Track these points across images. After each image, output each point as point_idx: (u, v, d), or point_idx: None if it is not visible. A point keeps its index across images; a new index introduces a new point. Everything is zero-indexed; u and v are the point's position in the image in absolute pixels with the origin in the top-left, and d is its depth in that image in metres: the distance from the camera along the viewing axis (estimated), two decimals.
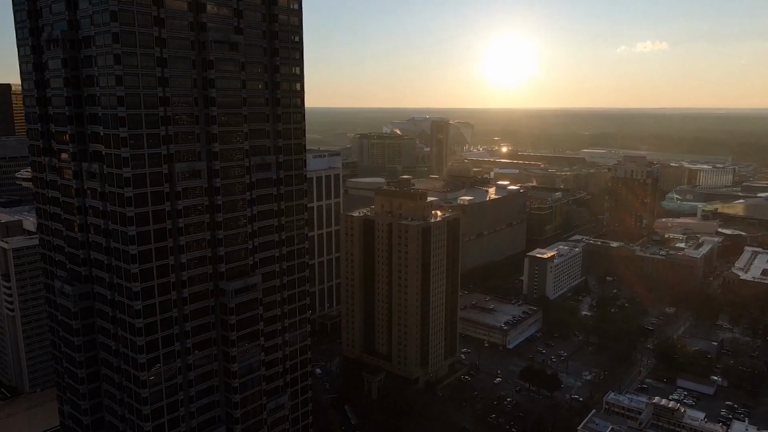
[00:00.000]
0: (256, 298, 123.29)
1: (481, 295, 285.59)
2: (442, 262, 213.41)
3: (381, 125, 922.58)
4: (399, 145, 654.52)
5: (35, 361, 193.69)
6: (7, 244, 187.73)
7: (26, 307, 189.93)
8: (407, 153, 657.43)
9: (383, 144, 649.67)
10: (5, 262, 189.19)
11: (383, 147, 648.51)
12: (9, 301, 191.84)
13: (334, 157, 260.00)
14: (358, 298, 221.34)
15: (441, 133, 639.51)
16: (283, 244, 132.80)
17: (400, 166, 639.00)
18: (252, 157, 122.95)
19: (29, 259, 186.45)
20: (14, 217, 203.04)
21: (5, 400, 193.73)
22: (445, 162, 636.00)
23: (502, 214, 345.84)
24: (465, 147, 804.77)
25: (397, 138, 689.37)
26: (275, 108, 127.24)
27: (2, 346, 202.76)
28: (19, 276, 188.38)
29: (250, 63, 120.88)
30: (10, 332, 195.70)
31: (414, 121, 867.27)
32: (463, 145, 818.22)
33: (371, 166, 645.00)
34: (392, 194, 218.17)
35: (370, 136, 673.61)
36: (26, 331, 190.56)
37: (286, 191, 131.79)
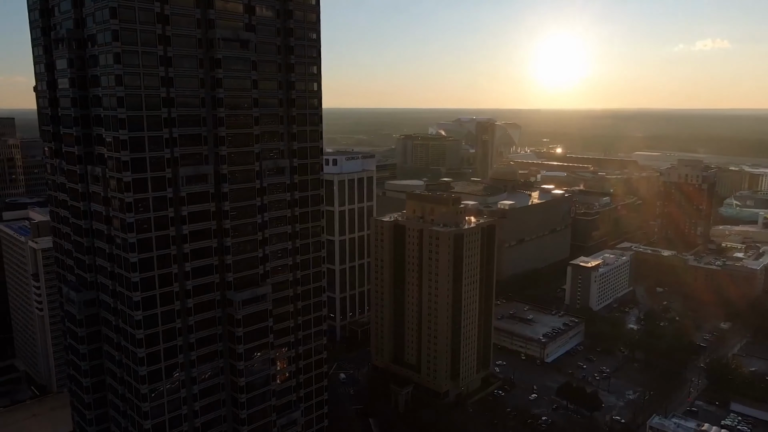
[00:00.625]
0: (265, 310, 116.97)
1: (520, 305, 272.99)
2: (475, 270, 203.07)
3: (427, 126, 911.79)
4: (443, 146, 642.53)
5: (62, 360, 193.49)
6: (36, 244, 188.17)
7: (54, 307, 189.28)
8: (451, 155, 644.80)
9: (427, 145, 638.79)
10: (35, 262, 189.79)
11: (427, 148, 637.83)
12: (38, 300, 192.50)
13: (368, 159, 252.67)
14: (387, 306, 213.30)
15: (486, 135, 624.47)
16: (297, 253, 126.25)
17: (444, 168, 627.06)
18: (264, 161, 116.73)
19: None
20: (46, 216, 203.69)
21: (34, 398, 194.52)
22: (490, 164, 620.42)
23: (545, 220, 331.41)
24: (512, 149, 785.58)
25: (441, 139, 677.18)
26: (290, 109, 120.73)
27: (33, 345, 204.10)
28: (47, 276, 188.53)
29: (262, 62, 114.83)
30: (39, 331, 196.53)
31: (460, 122, 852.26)
32: (510, 146, 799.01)
33: (414, 168, 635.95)
34: (424, 199, 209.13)
35: (413, 138, 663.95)
36: (54, 330, 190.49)
37: (301, 197, 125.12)
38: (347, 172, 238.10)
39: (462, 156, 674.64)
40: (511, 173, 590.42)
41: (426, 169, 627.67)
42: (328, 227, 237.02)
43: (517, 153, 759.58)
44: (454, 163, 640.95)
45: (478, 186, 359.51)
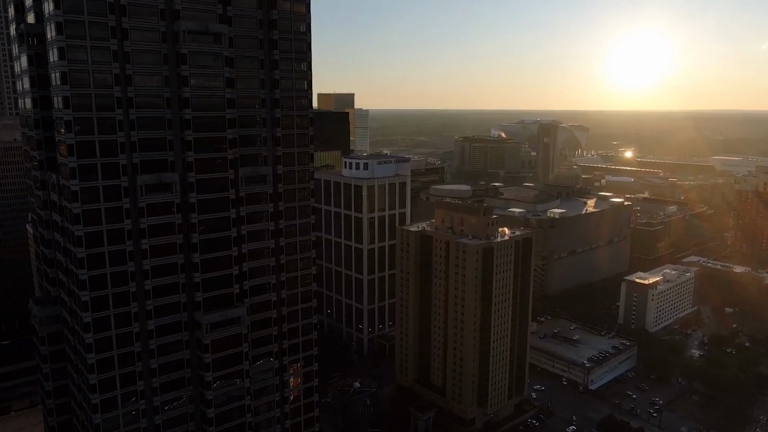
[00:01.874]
0: (239, 334, 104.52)
1: (566, 323, 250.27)
2: (507, 287, 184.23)
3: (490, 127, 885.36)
4: (502, 148, 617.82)
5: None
6: None
7: None
8: (511, 157, 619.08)
9: (485, 148, 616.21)
10: None
11: (485, 151, 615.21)
12: None
13: (402, 164, 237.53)
14: (412, 322, 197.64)
15: (548, 137, 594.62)
16: (282, 270, 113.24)
17: (503, 171, 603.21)
18: (241, 168, 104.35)
19: None
20: None
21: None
22: (551, 168, 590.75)
23: (600, 230, 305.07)
24: (577, 152, 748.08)
25: (500, 141, 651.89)
26: (274, 110, 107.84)
27: None
28: None
29: (241, 57, 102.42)
30: None
31: (524, 123, 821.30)
32: (576, 149, 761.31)
33: (472, 171, 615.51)
34: (453, 207, 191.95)
35: (472, 140, 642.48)
36: None
37: (288, 208, 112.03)
38: (379, 177, 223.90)
39: (523, 159, 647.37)
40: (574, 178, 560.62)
41: (484, 172, 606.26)
42: (357, 235, 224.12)
43: (583, 156, 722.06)
44: (513, 166, 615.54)
45: (530, 192, 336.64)
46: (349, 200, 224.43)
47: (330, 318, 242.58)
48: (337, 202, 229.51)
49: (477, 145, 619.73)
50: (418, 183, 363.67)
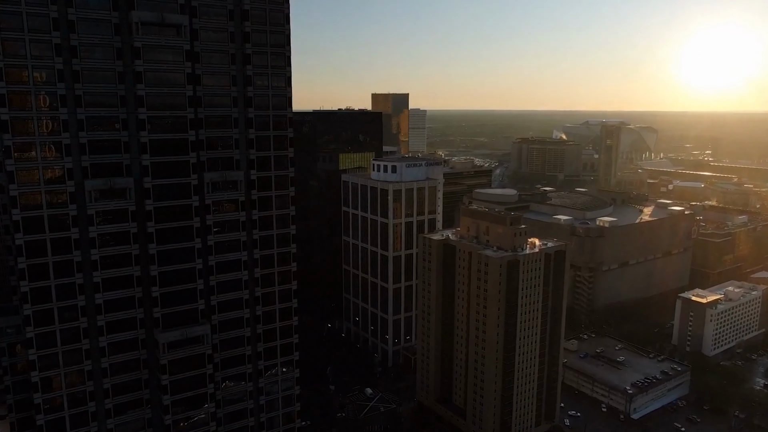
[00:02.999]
0: (202, 354, 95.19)
1: (611, 342, 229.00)
2: (536, 303, 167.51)
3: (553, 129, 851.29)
4: (562, 151, 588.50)
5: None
6: None
7: None
8: (571, 160, 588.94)
9: (544, 150, 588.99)
10: None
11: (543, 153, 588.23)
12: None
13: (434, 167, 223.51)
14: (434, 337, 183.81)
15: (611, 139, 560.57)
16: (258, 284, 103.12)
17: (562, 174, 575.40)
18: (207, 173, 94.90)
19: None
20: None
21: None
22: (614, 172, 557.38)
23: (656, 240, 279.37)
24: (645, 155, 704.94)
25: (560, 143, 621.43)
26: (246, 110, 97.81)
27: None
28: None
29: (208, 52, 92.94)
30: None
31: (588, 125, 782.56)
32: (644, 152, 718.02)
33: (529, 174, 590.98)
34: (478, 215, 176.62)
35: (530, 141, 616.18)
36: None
37: (263, 217, 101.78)
38: (408, 180, 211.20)
39: (586, 161, 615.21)
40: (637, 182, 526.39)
41: (541, 175, 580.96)
42: (382, 241, 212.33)
43: (650, 160, 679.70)
44: (573, 169, 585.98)
45: (581, 198, 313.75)
46: (375, 204, 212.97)
47: (356, 326, 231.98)
48: (363, 206, 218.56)
49: (535, 147, 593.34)
50: (463, 186, 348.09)
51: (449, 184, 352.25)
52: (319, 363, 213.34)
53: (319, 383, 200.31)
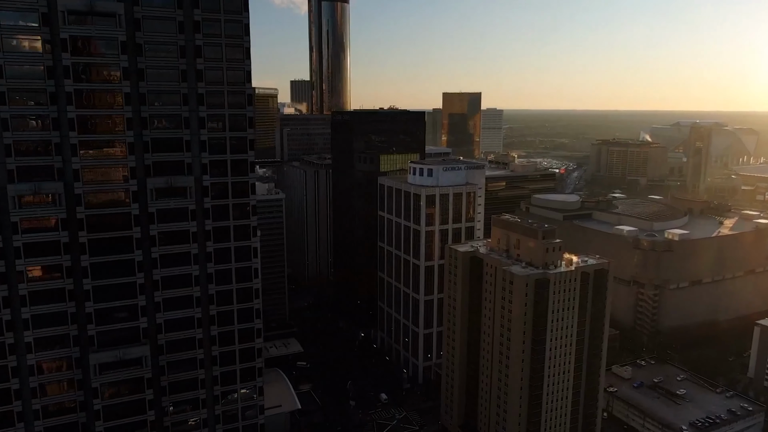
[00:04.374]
0: (140, 378, 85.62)
1: (674, 370, 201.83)
2: (570, 327, 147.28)
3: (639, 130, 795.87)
4: (645, 154, 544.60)
5: None
6: None
7: None
8: (655, 163, 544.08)
9: (625, 152, 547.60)
10: None
11: (625, 155, 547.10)
12: None
13: (474, 171, 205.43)
14: (459, 357, 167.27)
15: (700, 141, 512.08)
16: (212, 302, 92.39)
17: (645, 178, 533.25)
18: (152, 178, 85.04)
19: None
20: None
21: None
22: (703, 176, 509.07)
23: (737, 257, 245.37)
24: (743, 159, 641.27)
25: (643, 145, 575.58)
26: (197, 108, 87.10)
27: None
28: None
29: (152, 44, 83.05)
30: None
31: (679, 126, 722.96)
32: (742, 156, 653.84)
33: (608, 177, 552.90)
34: (509, 226, 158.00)
35: (610, 143, 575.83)
36: None
37: (218, 228, 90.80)
38: (444, 185, 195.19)
39: (671, 166, 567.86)
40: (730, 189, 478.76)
41: (622, 179, 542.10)
42: (414, 249, 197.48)
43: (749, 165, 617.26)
44: (658, 173, 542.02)
45: (652, 206, 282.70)
46: (408, 210, 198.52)
47: (389, 337, 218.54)
48: (397, 211, 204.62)
49: (615, 150, 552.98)
50: (525, 190, 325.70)
51: (510, 188, 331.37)
52: (341, 374, 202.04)
53: (339, 397, 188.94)
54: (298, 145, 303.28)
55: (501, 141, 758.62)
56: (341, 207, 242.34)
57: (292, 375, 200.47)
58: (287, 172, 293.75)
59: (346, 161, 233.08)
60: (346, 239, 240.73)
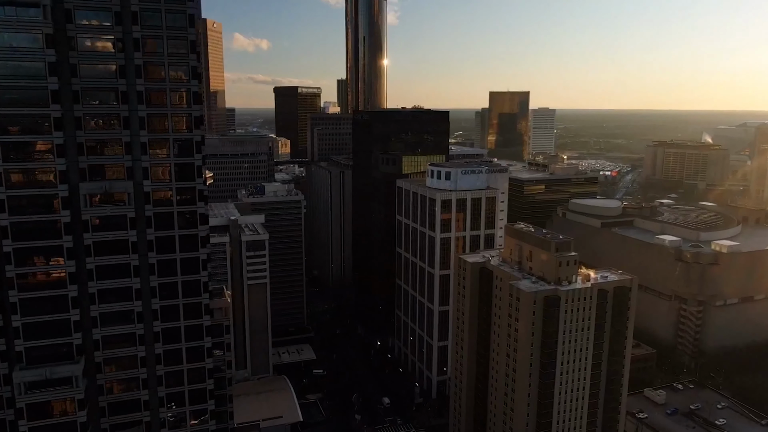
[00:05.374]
0: (71, 399, 78.58)
1: (714, 396, 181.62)
2: (584, 350, 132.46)
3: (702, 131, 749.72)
4: (704, 156, 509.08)
5: None
6: None
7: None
8: (716, 166, 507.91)
9: (682, 154, 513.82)
10: None
11: (682, 158, 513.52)
12: None
13: (496, 174, 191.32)
14: (467, 374, 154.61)
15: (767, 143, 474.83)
16: (155, 317, 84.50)
17: (704, 182, 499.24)
18: (85, 183, 77.77)
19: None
20: None
21: None
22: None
23: None
24: None
25: (702, 147, 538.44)
26: (137, 106, 79.15)
27: None
28: None
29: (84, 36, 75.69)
30: None
31: (746, 127, 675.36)
32: None
33: (664, 181, 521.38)
34: (522, 236, 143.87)
35: (666, 145, 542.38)
36: None
37: (162, 237, 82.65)
38: (463, 189, 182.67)
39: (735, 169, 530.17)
40: None
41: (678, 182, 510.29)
42: (430, 256, 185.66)
43: None
44: (718, 177, 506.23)
45: (701, 214, 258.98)
46: (423, 215, 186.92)
47: (405, 347, 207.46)
48: (414, 216, 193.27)
49: (672, 152, 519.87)
50: (565, 194, 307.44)
51: (549, 191, 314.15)
52: (353, 384, 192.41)
53: (347, 410, 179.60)
54: (329, 145, 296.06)
55: (553, 141, 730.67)
56: (361, 210, 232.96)
57: (302, 383, 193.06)
58: (314, 172, 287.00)
59: (366, 162, 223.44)
60: (365, 243, 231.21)
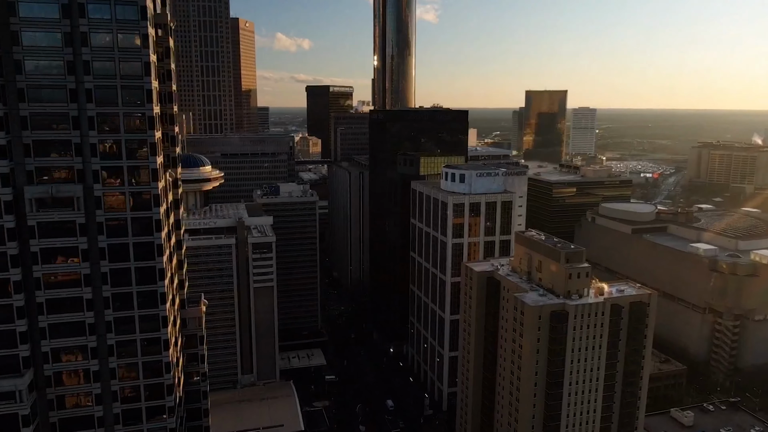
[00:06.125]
0: (14, 414, 73.82)
1: (748, 419, 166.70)
2: (595, 370, 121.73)
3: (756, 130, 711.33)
4: (753, 158, 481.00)
5: None
6: None
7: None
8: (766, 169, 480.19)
9: (729, 156, 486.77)
10: None
11: (729, 160, 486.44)
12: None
13: (514, 177, 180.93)
14: (472, 388, 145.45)
15: None
16: (109, 329, 79.03)
17: (752, 186, 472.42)
18: (31, 187, 72.84)
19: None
20: None
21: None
22: None
23: None
24: None
25: (750, 149, 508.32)
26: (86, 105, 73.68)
27: None
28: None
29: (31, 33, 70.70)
30: None
31: None
32: None
33: (708, 184, 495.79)
34: (532, 244, 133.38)
35: (712, 146, 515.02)
36: None
37: (115, 245, 77.04)
38: (478, 192, 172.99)
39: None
40: None
41: (724, 186, 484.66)
42: (441, 262, 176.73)
43: None
44: None
45: (742, 221, 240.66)
46: (435, 218, 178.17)
47: (418, 356, 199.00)
48: (427, 220, 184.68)
49: (717, 153, 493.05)
50: (597, 198, 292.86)
51: (580, 194, 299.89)
52: (362, 392, 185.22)
53: (352, 419, 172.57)
54: (352, 145, 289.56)
55: (593, 142, 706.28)
56: (377, 212, 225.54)
57: (310, 389, 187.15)
58: (335, 172, 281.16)
59: (382, 163, 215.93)
60: (381, 246, 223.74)
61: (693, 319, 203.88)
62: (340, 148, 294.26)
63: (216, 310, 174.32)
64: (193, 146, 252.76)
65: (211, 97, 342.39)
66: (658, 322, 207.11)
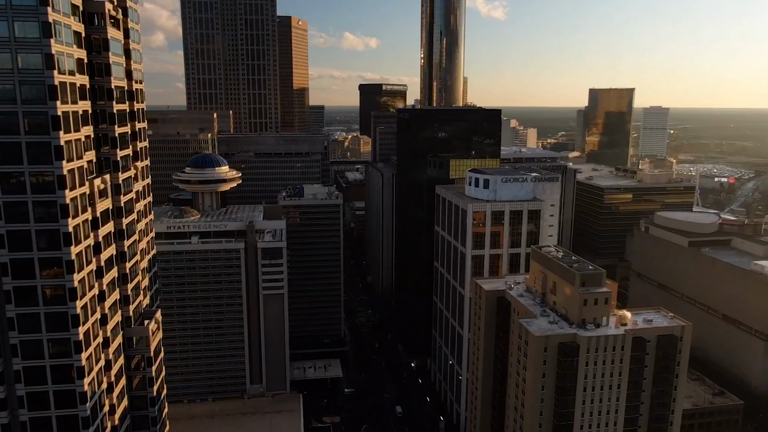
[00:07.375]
0: None
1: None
2: (612, 410, 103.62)
3: None
4: None
5: None
6: None
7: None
8: None
9: None
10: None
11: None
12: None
13: (545, 183, 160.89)
14: (481, 411, 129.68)
15: None
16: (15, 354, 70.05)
17: None
18: None
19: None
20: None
21: None
22: None
23: None
24: None
25: None
26: None
27: None
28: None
29: None
30: None
31: None
32: None
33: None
34: (547, 263, 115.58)
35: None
36: None
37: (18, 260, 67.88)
38: (503, 199, 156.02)
39: None
40: None
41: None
42: (461, 274, 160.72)
43: None
44: None
45: None
46: (456, 227, 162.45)
47: (438, 372, 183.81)
48: (449, 228, 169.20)
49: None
50: (656, 205, 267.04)
51: (637, 201, 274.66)
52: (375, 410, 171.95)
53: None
54: (390, 145, 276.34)
55: (665, 143, 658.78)
56: (403, 216, 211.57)
57: (323, 403, 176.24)
58: (371, 173, 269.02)
59: (408, 165, 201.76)
60: (407, 253, 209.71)
61: (755, 346, 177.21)
62: (379, 147, 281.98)
63: (224, 317, 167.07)
64: (225, 145, 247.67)
65: (256, 96, 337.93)
66: (715, 349, 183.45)
